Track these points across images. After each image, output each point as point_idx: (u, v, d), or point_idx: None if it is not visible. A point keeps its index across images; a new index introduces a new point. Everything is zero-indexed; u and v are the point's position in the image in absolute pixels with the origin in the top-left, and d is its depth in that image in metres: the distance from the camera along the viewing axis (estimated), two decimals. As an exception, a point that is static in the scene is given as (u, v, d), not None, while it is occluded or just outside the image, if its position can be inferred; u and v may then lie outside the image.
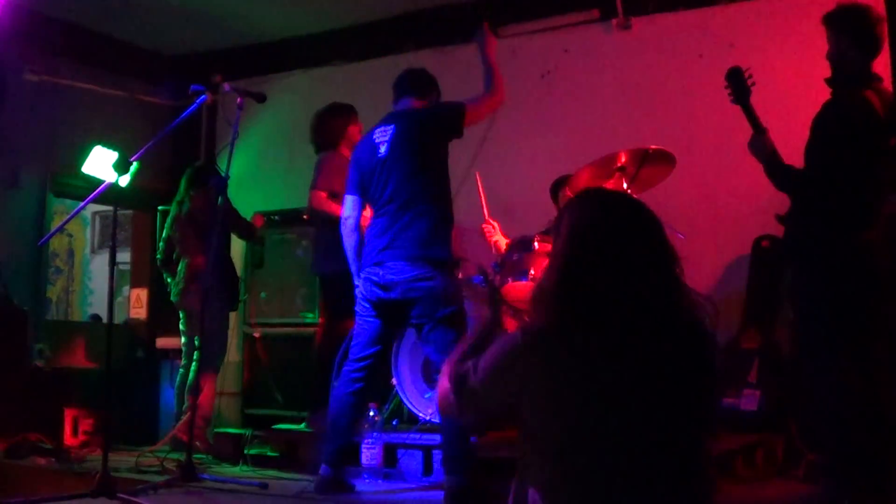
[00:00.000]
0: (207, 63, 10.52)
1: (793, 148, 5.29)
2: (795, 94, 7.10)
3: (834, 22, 5.26)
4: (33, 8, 9.45)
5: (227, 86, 6.68)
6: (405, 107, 6.11)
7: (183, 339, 7.99)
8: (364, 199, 6.06)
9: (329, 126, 7.72)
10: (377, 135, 5.93)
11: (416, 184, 5.75)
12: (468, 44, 6.24)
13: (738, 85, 5.30)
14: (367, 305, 5.87)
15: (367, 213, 6.15)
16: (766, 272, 7.46)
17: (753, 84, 5.28)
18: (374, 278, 5.76)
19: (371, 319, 5.88)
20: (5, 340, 8.54)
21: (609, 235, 2.67)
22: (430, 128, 5.90)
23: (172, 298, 7.95)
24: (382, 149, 5.83)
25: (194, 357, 7.63)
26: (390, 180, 5.78)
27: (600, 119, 8.69)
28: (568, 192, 7.68)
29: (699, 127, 8.09)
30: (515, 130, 8.31)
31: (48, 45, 9.99)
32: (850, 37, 5.19)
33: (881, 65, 6.72)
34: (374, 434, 6.34)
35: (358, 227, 6.10)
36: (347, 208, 6.11)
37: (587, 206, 2.81)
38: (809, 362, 5.17)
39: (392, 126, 5.88)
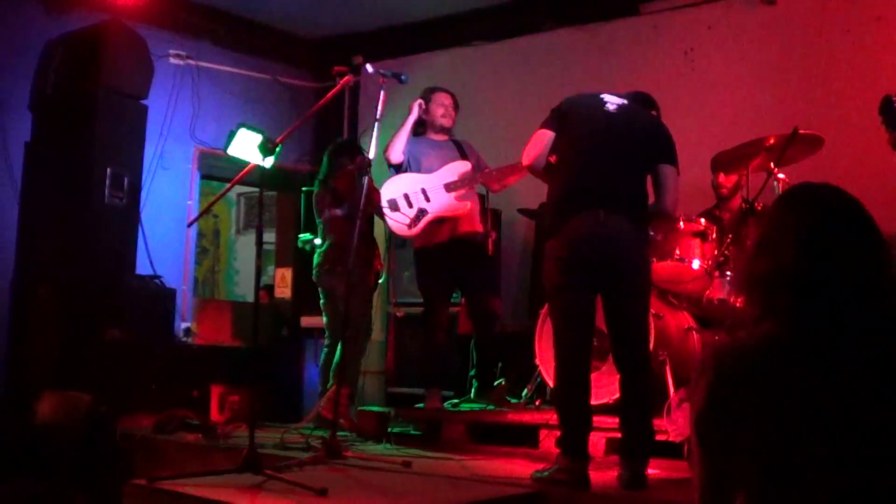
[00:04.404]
0: (349, 45, 10.61)
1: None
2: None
3: None
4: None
5: (369, 67, 6.71)
6: None
7: (325, 319, 8.04)
8: None
9: None
10: None
11: None
12: (610, 21, 6.15)
13: (890, 112, 5.24)
14: None
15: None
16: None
17: None
18: None
19: None
20: (154, 319, 8.73)
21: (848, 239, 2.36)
22: None
23: (314, 278, 8.01)
24: None
25: (338, 336, 7.68)
26: None
27: (745, 97, 8.53)
28: (721, 176, 7.61)
29: (846, 105, 7.88)
30: (657, 109, 8.23)
31: (192, 29, 10.17)
32: None
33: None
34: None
35: None
36: None
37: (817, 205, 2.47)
38: None
39: None
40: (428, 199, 7.50)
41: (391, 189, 7.59)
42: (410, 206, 7.48)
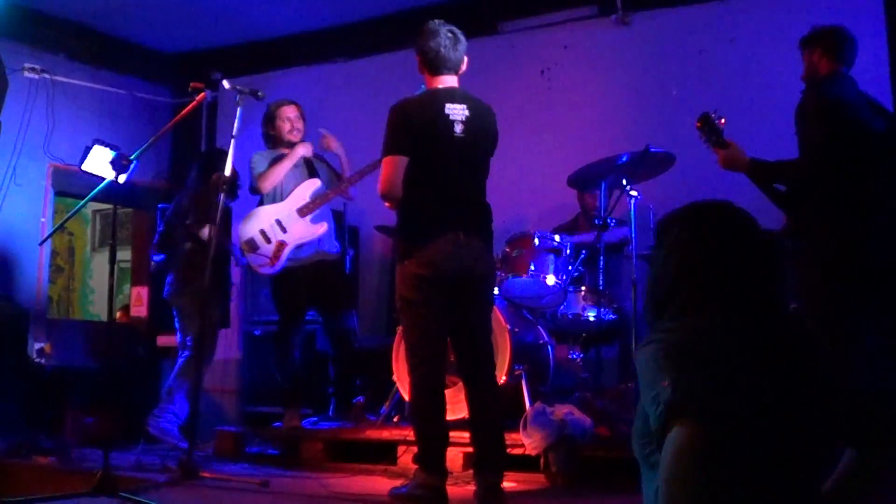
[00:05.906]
0: (207, 61, 10.53)
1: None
2: (797, 88, 7.09)
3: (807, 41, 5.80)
4: (32, 5, 9.47)
5: (226, 83, 6.68)
6: None
7: (178, 338, 7.99)
8: None
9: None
10: None
11: None
12: (468, 40, 6.18)
13: (711, 128, 5.55)
14: None
15: None
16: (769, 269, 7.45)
17: (724, 122, 5.67)
18: None
19: None
20: (6, 339, 8.54)
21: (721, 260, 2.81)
22: None
23: (165, 296, 7.95)
24: None
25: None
26: None
27: (600, 115, 8.70)
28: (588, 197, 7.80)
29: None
30: (514, 127, 8.35)
31: (48, 43, 9.99)
32: (821, 48, 5.70)
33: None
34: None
35: None
36: None
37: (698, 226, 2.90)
38: None
39: None
40: (284, 230, 7.45)
41: (247, 228, 7.51)
42: (269, 241, 7.43)
